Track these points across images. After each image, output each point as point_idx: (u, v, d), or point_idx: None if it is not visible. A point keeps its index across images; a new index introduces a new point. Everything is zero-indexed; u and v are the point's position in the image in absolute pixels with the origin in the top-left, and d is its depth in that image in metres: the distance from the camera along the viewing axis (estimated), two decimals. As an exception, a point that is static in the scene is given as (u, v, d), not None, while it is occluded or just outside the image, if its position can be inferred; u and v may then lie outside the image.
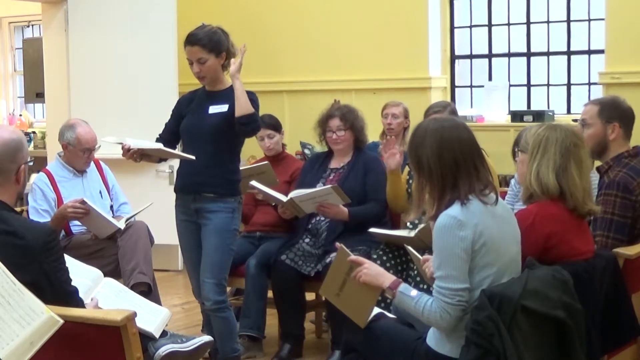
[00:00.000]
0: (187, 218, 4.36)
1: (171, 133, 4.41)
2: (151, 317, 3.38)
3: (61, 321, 2.49)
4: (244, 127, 4.16)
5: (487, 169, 3.08)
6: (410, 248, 3.64)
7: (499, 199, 3.11)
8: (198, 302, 4.58)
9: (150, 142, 4.31)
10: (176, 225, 4.46)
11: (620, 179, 3.83)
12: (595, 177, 4.67)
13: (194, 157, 4.20)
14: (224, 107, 4.24)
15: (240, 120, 4.13)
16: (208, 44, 4.19)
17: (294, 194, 4.75)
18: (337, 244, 3.37)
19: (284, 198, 4.76)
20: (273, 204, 5.06)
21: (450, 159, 2.98)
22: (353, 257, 3.23)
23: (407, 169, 4.79)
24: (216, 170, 4.23)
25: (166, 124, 4.47)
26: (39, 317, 2.48)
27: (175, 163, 6.87)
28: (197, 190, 4.26)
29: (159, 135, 4.45)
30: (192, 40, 4.21)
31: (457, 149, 3.00)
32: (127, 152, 4.20)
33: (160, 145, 4.28)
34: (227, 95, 4.26)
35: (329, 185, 4.75)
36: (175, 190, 4.44)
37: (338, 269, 3.30)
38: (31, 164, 3.15)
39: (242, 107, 4.12)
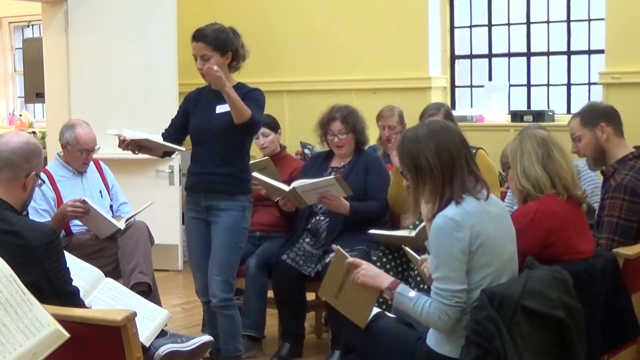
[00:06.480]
0: (197, 215, 4.38)
1: (176, 129, 4.44)
2: (146, 322, 3.35)
3: (67, 335, 2.49)
4: (245, 131, 4.22)
5: (476, 164, 3.11)
6: (407, 249, 3.63)
7: (496, 197, 3.12)
8: (200, 301, 4.57)
9: (146, 134, 4.34)
10: (185, 223, 4.51)
11: (628, 183, 3.82)
12: (591, 176, 4.68)
13: (183, 149, 4.36)
14: None
15: (241, 127, 4.17)
16: (213, 42, 4.22)
17: (296, 183, 4.75)
18: (334, 246, 3.35)
19: (286, 188, 4.76)
20: (275, 200, 5.05)
21: (448, 154, 3.02)
22: (350, 259, 3.23)
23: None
24: (227, 169, 4.25)
25: (172, 120, 4.49)
26: (45, 329, 2.47)
27: (176, 162, 6.98)
28: (208, 188, 4.28)
29: (165, 130, 4.48)
30: (197, 36, 4.26)
31: (452, 144, 3.04)
32: (122, 142, 4.26)
33: (154, 136, 4.32)
34: None
35: (332, 176, 4.77)
36: (186, 189, 4.48)
37: (335, 271, 3.29)
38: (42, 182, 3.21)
39: (239, 114, 4.13)
